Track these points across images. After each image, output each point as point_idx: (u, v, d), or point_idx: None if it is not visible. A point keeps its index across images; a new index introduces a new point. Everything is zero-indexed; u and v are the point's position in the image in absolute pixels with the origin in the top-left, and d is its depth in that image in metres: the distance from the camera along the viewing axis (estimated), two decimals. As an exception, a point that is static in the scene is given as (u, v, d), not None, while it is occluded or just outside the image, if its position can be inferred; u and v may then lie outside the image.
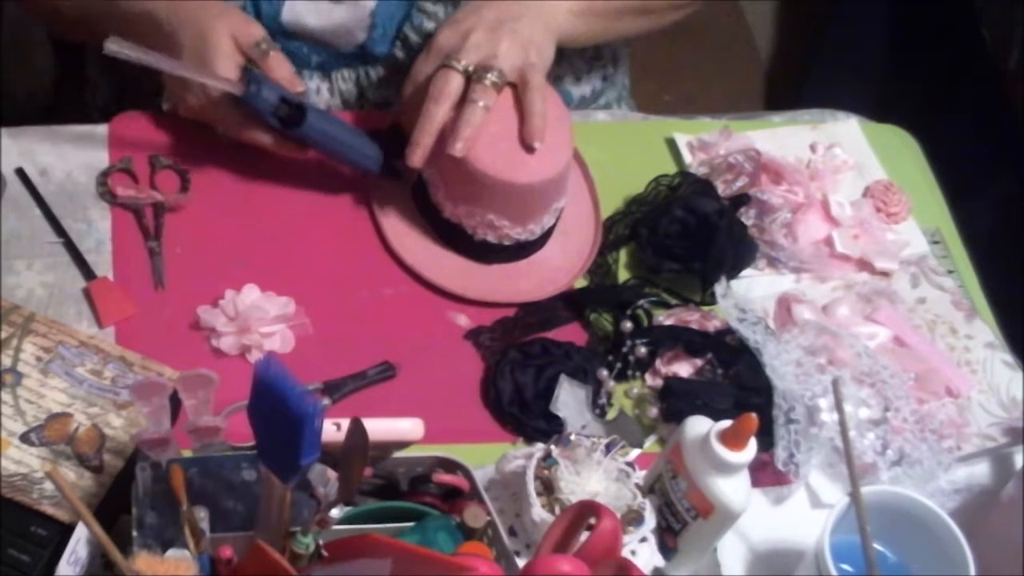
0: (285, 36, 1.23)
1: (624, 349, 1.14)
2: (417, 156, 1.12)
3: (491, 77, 1.10)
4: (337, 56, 1.26)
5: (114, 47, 1.06)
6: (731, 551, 1.03)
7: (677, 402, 1.09)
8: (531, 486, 0.97)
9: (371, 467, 0.94)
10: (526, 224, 1.17)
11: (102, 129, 1.23)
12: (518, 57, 1.12)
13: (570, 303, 1.18)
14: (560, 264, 1.21)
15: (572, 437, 1.00)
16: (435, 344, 1.14)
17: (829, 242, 1.25)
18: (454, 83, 1.11)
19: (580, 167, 1.27)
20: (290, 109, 1.12)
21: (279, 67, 1.14)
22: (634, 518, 0.97)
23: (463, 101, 1.11)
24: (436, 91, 1.11)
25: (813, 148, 1.34)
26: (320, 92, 1.28)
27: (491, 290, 1.18)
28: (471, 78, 1.11)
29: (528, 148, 1.12)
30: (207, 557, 0.86)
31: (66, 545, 0.88)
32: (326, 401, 1.08)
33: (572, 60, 1.35)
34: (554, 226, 1.21)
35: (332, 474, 0.88)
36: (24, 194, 1.17)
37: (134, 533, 0.88)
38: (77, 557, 0.88)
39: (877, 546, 0.96)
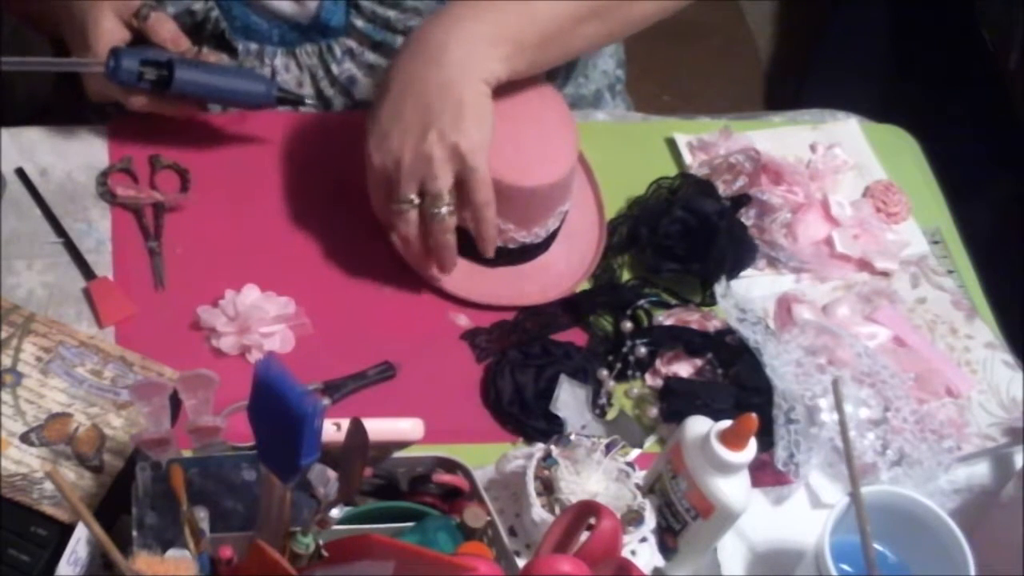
0: (247, 10, 1.24)
1: (624, 349, 1.14)
2: (434, 278, 1.15)
3: (441, 210, 1.08)
4: (297, 30, 1.26)
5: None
6: (731, 551, 1.03)
7: (677, 402, 1.09)
8: (531, 486, 0.97)
9: (371, 467, 0.94)
10: (530, 228, 1.17)
11: (102, 129, 1.23)
12: (452, 168, 1.08)
13: (570, 308, 1.18)
14: (564, 267, 1.21)
15: (572, 437, 1.00)
16: (435, 344, 1.14)
17: (829, 242, 1.25)
18: (412, 220, 1.10)
19: (584, 170, 1.26)
20: (158, 70, 1.13)
21: (161, 28, 1.16)
22: (634, 518, 0.97)
23: (427, 231, 1.10)
24: (403, 236, 1.11)
25: (813, 148, 1.34)
26: (289, 69, 1.28)
27: (495, 293, 1.17)
28: (423, 209, 1.09)
29: (486, 261, 1.14)
30: (207, 557, 0.86)
31: (66, 545, 0.88)
32: (326, 401, 1.08)
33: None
34: (558, 229, 1.21)
35: (332, 474, 0.88)
36: (24, 194, 1.17)
37: (134, 533, 0.88)
38: (77, 557, 0.88)
39: (877, 546, 0.96)
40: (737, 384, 1.11)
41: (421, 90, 1.07)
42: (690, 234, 1.19)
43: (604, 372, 1.13)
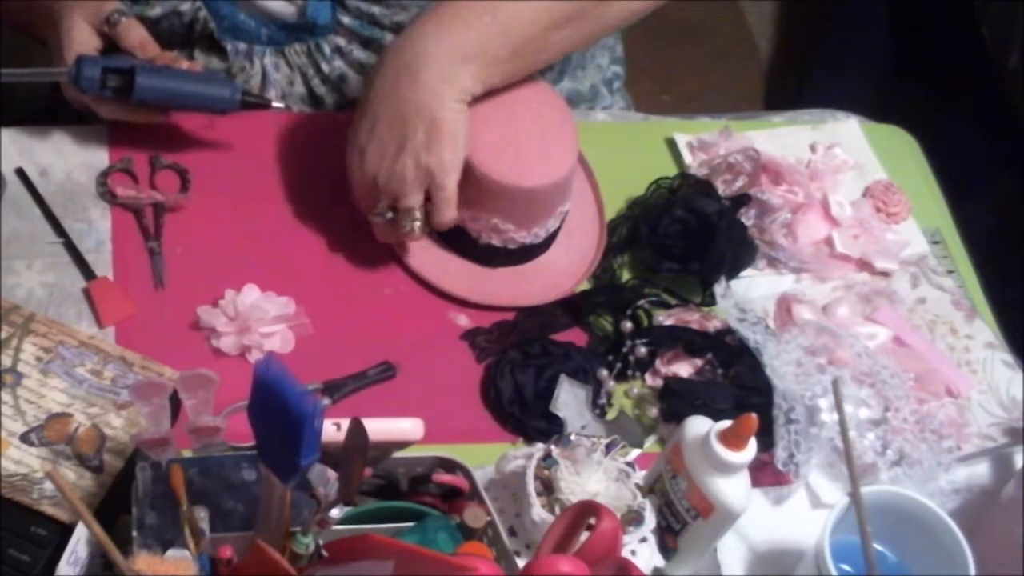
0: (234, 8, 1.24)
1: (624, 349, 1.13)
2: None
3: (412, 226, 1.12)
4: (285, 28, 1.26)
5: None
6: (731, 551, 1.03)
7: (677, 402, 1.09)
8: (531, 486, 0.97)
9: (371, 467, 0.94)
10: (531, 228, 1.17)
11: (102, 129, 1.23)
12: (422, 186, 1.10)
13: (570, 308, 1.18)
14: (565, 267, 1.21)
15: (572, 437, 1.00)
16: (435, 344, 1.14)
17: (829, 242, 1.25)
18: (387, 229, 1.14)
19: (584, 169, 1.26)
20: (120, 77, 1.13)
21: (130, 34, 1.16)
22: (634, 518, 0.97)
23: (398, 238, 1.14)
24: (384, 241, 1.16)
25: (813, 148, 1.34)
26: (279, 68, 1.28)
27: (496, 294, 1.17)
28: (395, 220, 1.12)
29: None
30: (207, 557, 0.86)
31: (66, 545, 0.88)
32: (326, 401, 1.08)
33: None
34: (558, 229, 1.21)
35: (332, 474, 0.88)
36: (24, 194, 1.17)
37: (134, 533, 0.88)
38: (77, 557, 0.88)
39: (877, 546, 0.96)
40: (737, 384, 1.11)
41: (396, 107, 1.09)
42: (690, 234, 1.19)
43: (604, 372, 1.13)
